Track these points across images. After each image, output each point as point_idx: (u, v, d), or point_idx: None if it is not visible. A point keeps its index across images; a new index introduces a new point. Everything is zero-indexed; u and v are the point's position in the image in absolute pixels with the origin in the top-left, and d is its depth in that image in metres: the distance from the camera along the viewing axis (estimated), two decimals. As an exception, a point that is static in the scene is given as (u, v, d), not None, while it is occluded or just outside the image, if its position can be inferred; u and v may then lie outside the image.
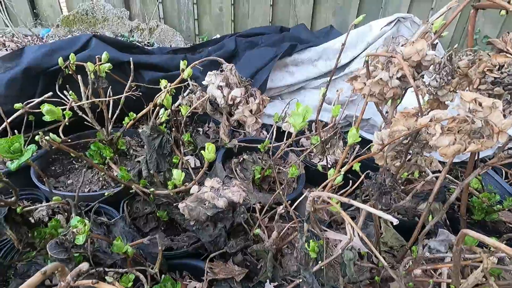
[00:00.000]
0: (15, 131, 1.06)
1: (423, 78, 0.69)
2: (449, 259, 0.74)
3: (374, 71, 0.72)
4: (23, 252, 0.89)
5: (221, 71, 0.81)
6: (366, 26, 1.78)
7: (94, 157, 1.20)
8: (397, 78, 0.62)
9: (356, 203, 0.49)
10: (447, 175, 0.99)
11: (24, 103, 0.99)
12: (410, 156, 0.63)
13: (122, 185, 1.04)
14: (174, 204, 1.02)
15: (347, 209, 1.23)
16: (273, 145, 1.23)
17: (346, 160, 1.02)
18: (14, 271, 0.87)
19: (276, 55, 1.49)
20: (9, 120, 0.93)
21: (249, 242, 0.95)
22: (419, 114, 0.57)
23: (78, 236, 0.61)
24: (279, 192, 0.97)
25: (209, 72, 0.81)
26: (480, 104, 0.41)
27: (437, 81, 0.58)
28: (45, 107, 0.79)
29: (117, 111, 1.19)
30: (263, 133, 1.54)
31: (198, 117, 1.49)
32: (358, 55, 1.69)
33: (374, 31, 1.74)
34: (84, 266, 0.36)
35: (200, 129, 1.47)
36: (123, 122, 1.20)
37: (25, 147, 0.74)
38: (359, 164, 0.88)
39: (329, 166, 1.21)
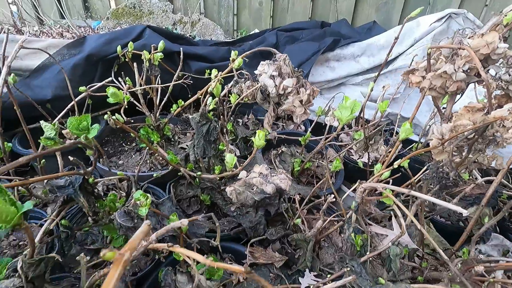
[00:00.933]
0: (75, 112, 1.16)
1: (488, 72, 0.67)
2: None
3: (434, 64, 0.70)
4: (81, 221, 0.98)
5: (274, 61, 0.83)
6: (413, 22, 1.71)
7: (143, 135, 1.27)
8: (463, 71, 0.60)
9: (418, 194, 0.48)
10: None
11: (87, 86, 1.08)
12: (471, 153, 0.61)
13: (169, 167, 1.11)
14: (218, 189, 1.07)
15: (384, 209, 1.21)
16: (312, 138, 1.23)
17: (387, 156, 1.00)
18: (74, 239, 0.96)
19: (319, 50, 1.48)
20: (76, 99, 1.01)
21: (288, 231, 0.97)
22: (488, 108, 0.55)
23: (141, 208, 0.66)
24: (320, 185, 0.98)
25: (261, 62, 0.84)
26: None
27: (510, 75, 0.56)
28: (110, 90, 0.86)
29: (165, 99, 1.26)
30: (300, 127, 1.55)
31: (239, 108, 1.52)
32: (404, 51, 1.63)
33: (422, 27, 1.67)
34: (176, 224, 0.40)
35: (240, 120, 1.50)
36: (171, 109, 1.26)
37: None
38: (406, 161, 0.86)
39: (370, 163, 1.19)
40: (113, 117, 0.77)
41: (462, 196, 0.98)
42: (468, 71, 0.62)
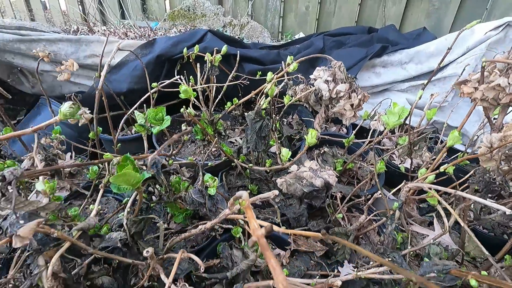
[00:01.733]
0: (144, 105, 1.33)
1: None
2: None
3: (487, 76, 0.74)
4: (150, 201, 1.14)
5: (329, 67, 0.91)
6: (471, 29, 1.68)
7: (198, 133, 1.42)
8: (516, 85, 0.64)
9: (465, 194, 0.54)
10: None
11: (159, 83, 1.24)
12: (520, 162, 0.64)
13: (221, 158, 1.23)
14: (265, 181, 1.17)
15: (424, 214, 1.23)
16: (355, 141, 1.29)
17: (428, 162, 1.03)
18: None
19: (366, 56, 1.52)
20: (149, 93, 1.17)
21: (329, 225, 1.04)
22: (540, 121, 0.58)
23: (210, 188, 0.78)
24: (361, 186, 1.04)
25: (317, 68, 0.92)
26: None
27: None
28: (183, 87, 1.00)
29: (219, 96, 1.39)
30: (342, 130, 1.60)
31: (284, 109, 1.61)
32: (455, 60, 1.61)
33: (476, 35, 1.64)
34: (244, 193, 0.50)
35: (285, 119, 1.60)
36: (225, 106, 1.39)
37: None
38: (452, 167, 0.89)
39: (412, 168, 1.21)
40: (187, 110, 0.91)
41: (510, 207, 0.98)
42: (522, 85, 0.65)
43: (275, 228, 0.31)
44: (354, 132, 1.29)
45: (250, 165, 1.09)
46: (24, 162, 0.68)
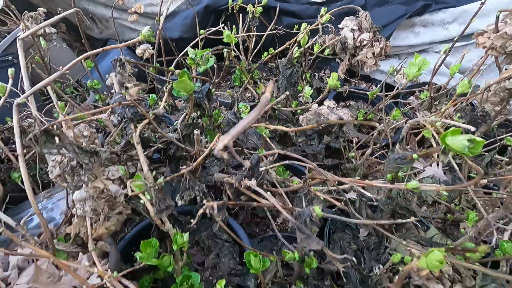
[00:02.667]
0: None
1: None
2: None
3: (503, 28, 0.79)
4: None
5: (356, 17, 1.01)
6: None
7: (236, 80, 1.60)
8: (522, 33, 0.70)
9: (450, 121, 0.66)
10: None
11: (205, 30, 1.41)
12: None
13: (255, 102, 1.41)
14: (291, 122, 1.34)
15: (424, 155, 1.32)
16: (380, 94, 1.37)
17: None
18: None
19: (405, 14, 1.53)
20: (198, 38, 1.36)
21: (342, 161, 1.20)
22: (532, 64, 0.66)
23: (243, 114, 0.97)
24: (378, 135, 1.16)
25: (346, 18, 1.02)
26: None
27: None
28: (226, 32, 1.16)
29: (258, 47, 1.53)
30: (372, 88, 1.67)
31: (317, 64, 1.71)
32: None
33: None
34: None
35: (317, 74, 1.70)
36: (262, 56, 1.53)
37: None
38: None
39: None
40: (226, 49, 1.08)
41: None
42: (530, 34, 0.72)
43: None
44: (379, 86, 1.38)
45: (279, 106, 1.26)
46: (108, 81, 0.92)
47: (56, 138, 0.52)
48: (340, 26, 1.04)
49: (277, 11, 1.44)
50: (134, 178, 0.60)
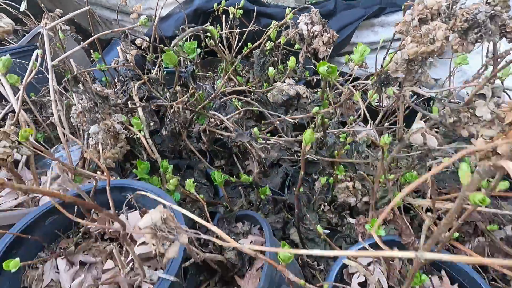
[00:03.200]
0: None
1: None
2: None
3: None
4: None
5: (309, 13, 1.28)
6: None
7: (220, 72, 1.87)
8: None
9: (364, 81, 0.92)
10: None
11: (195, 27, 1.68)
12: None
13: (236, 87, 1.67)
14: (264, 102, 1.60)
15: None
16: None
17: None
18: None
19: (363, 16, 1.81)
20: (187, 33, 1.62)
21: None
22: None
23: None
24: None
25: (302, 14, 1.29)
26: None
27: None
28: (209, 27, 1.44)
29: (240, 44, 1.81)
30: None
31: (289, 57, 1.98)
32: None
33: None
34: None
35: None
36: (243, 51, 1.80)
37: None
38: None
39: (383, 105, 1.55)
40: (209, 41, 1.35)
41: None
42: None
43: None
44: (339, 71, 1.64)
45: (253, 88, 1.52)
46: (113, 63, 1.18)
47: (81, 85, 0.77)
48: (297, 21, 1.31)
49: (255, 13, 1.72)
50: (133, 119, 0.86)
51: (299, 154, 1.37)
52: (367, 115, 1.07)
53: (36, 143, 0.76)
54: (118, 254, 0.54)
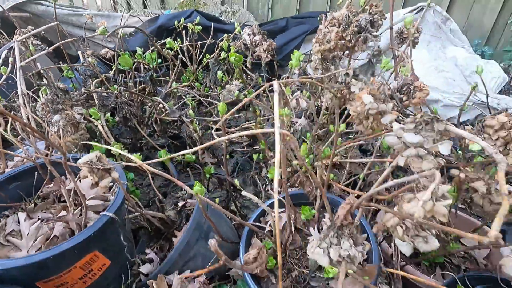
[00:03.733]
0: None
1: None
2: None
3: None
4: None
5: (250, 26, 1.52)
6: (394, 12, 2.20)
7: (184, 80, 2.07)
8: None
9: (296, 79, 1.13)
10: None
11: (156, 42, 1.89)
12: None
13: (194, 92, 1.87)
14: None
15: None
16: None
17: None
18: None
19: (306, 31, 2.10)
20: (151, 49, 1.82)
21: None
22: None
23: (188, 102, 1.41)
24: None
25: (245, 27, 1.53)
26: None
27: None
28: (168, 40, 1.64)
29: (201, 56, 2.02)
30: (291, 85, 2.18)
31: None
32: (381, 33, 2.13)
33: (398, 17, 2.16)
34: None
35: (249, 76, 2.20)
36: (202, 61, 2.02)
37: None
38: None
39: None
40: (171, 52, 1.55)
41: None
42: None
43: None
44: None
45: (210, 92, 1.72)
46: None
47: (44, 80, 0.93)
48: (242, 32, 1.54)
49: (212, 29, 1.95)
50: (91, 110, 1.02)
51: (249, 147, 1.56)
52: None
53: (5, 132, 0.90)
54: (67, 195, 0.69)
